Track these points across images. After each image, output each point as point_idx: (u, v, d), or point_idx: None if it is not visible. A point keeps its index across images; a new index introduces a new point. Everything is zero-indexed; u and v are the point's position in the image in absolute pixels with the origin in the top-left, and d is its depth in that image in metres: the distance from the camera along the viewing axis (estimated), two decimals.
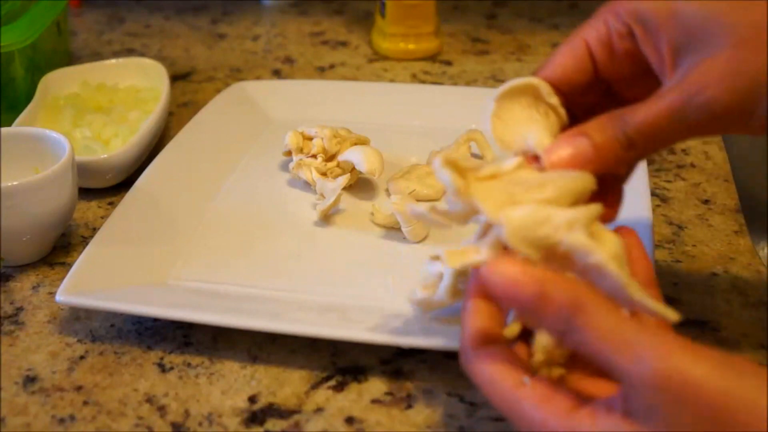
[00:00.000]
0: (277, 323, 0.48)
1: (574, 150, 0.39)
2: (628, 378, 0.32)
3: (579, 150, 0.39)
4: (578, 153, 0.39)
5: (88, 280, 0.51)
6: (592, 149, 0.39)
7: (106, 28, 0.99)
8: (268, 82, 0.82)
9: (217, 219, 0.61)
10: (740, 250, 0.57)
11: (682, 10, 0.38)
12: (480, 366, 0.36)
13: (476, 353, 0.37)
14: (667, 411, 0.31)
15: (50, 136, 0.58)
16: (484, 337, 0.37)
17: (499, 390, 0.35)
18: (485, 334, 0.37)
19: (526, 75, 0.43)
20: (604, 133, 0.39)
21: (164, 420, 0.45)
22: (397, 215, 0.57)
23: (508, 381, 0.35)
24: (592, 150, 0.39)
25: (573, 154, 0.39)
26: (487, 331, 0.37)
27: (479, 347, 0.37)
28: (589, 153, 0.39)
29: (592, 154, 0.39)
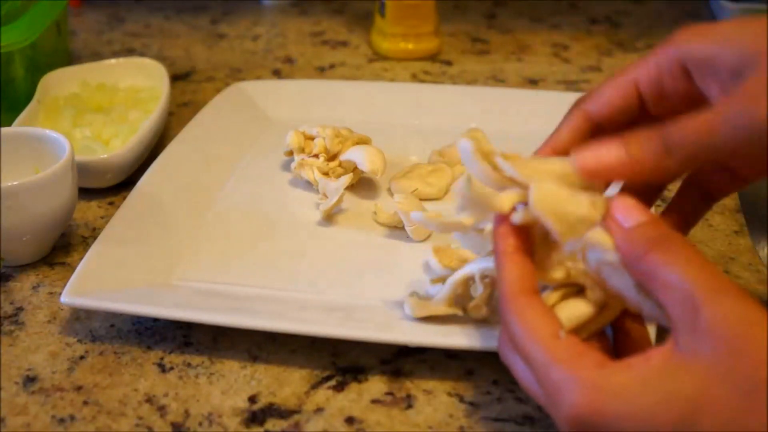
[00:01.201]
0: (278, 323, 0.48)
1: (607, 152, 0.39)
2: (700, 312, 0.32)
3: (612, 153, 0.39)
4: (611, 158, 0.39)
5: (93, 282, 0.51)
6: (627, 157, 0.38)
7: (106, 28, 0.99)
8: (268, 82, 0.82)
9: (219, 219, 0.61)
10: (740, 250, 0.57)
11: (733, 38, 0.38)
12: (519, 312, 0.37)
13: (516, 299, 0.38)
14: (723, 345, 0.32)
15: (50, 136, 0.58)
16: (523, 286, 0.38)
17: (535, 336, 0.36)
18: (525, 282, 0.38)
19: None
20: (641, 143, 0.38)
21: (164, 420, 0.45)
22: (401, 214, 0.57)
23: (544, 331, 0.36)
24: (627, 157, 0.38)
25: (604, 158, 0.39)
26: (526, 281, 0.38)
27: (519, 295, 0.38)
28: (624, 160, 0.38)
29: (626, 160, 0.38)
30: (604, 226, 0.37)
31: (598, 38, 0.93)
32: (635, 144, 0.38)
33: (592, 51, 0.89)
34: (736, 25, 0.39)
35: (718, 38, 0.39)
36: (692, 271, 0.34)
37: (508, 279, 0.38)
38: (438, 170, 0.63)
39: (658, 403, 0.33)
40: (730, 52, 0.38)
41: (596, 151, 0.39)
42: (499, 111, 0.72)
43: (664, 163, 0.38)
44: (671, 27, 0.44)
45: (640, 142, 0.38)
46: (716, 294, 0.33)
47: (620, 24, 0.96)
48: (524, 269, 0.39)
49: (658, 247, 0.35)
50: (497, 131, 0.68)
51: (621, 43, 0.91)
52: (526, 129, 0.67)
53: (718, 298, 0.33)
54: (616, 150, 0.39)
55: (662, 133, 0.38)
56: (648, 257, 0.35)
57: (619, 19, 0.98)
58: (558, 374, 0.35)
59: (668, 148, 0.38)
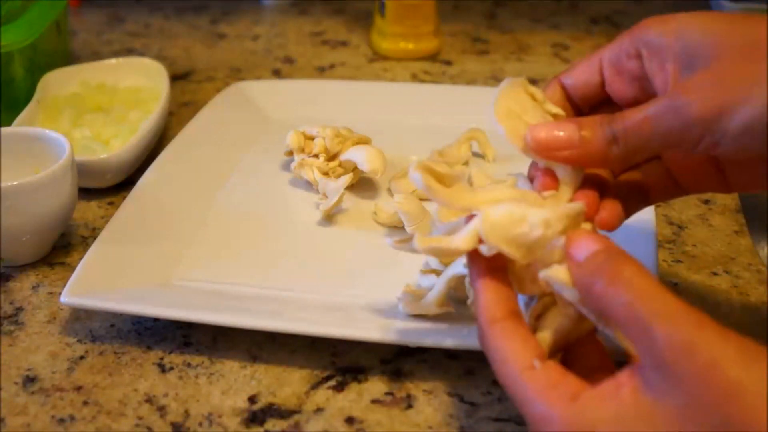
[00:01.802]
0: (278, 323, 0.48)
1: (560, 131, 0.40)
2: (656, 342, 0.32)
3: (565, 132, 0.40)
4: (563, 135, 0.40)
5: (92, 282, 0.51)
6: (578, 136, 0.40)
7: (106, 28, 0.99)
8: (268, 82, 0.82)
9: (219, 219, 0.61)
10: (740, 250, 0.57)
11: (686, 30, 0.39)
12: (494, 342, 0.37)
13: (491, 328, 0.37)
14: (688, 383, 0.31)
15: (50, 136, 0.58)
16: (496, 312, 0.38)
17: (509, 369, 0.36)
18: (499, 306, 0.38)
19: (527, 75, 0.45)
20: (592, 127, 0.40)
21: (164, 420, 0.45)
22: (401, 214, 0.57)
23: (519, 362, 0.36)
24: (577, 137, 0.40)
25: (557, 134, 0.40)
26: (501, 305, 0.38)
27: (494, 323, 0.37)
28: (574, 138, 0.40)
29: (576, 140, 0.40)
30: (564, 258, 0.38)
31: (598, 38, 0.93)
32: (588, 127, 0.40)
33: (592, 51, 0.89)
34: (699, 18, 0.39)
35: (674, 29, 0.40)
36: (636, 294, 0.34)
37: (481, 306, 0.38)
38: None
39: None
40: (680, 44, 0.39)
41: (551, 127, 0.41)
42: None
43: (611, 151, 0.39)
44: None
45: (593, 125, 0.40)
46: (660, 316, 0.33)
47: (620, 24, 0.96)
48: (498, 293, 0.38)
49: (604, 274, 0.35)
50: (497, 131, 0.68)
51: None
52: None
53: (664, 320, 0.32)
54: (569, 129, 0.40)
55: (611, 120, 0.40)
56: (596, 288, 0.35)
57: (619, 19, 0.98)
58: (534, 410, 0.35)
59: (614, 135, 0.39)
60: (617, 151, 0.39)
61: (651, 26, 0.41)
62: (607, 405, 0.34)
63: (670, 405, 0.32)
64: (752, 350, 0.31)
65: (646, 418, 0.33)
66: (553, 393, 0.35)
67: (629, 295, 0.34)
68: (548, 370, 0.36)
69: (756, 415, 0.30)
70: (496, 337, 0.37)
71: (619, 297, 0.34)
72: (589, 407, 0.34)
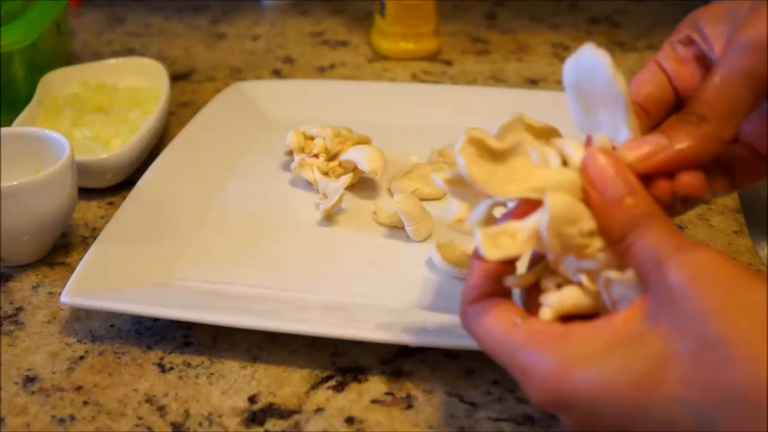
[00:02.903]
0: (278, 323, 0.48)
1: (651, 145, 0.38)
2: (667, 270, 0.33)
3: (656, 145, 0.38)
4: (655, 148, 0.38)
5: (92, 282, 0.51)
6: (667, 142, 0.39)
7: (106, 28, 0.99)
8: (268, 82, 0.82)
9: (219, 219, 0.61)
10: (740, 250, 0.57)
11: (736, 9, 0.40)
12: (474, 319, 0.37)
13: (470, 308, 0.38)
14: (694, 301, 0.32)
15: (50, 136, 0.58)
16: (477, 293, 0.38)
17: (493, 337, 0.36)
18: (479, 289, 0.38)
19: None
20: (673, 124, 0.39)
21: (164, 420, 0.45)
22: (401, 214, 0.57)
23: (500, 325, 0.36)
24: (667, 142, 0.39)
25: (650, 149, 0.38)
26: (481, 287, 0.38)
27: (471, 304, 0.38)
28: (665, 145, 0.38)
29: (667, 145, 0.38)
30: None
31: (598, 38, 0.93)
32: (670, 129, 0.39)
33: None
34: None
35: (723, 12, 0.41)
36: (656, 235, 0.35)
37: (465, 288, 0.39)
38: (438, 170, 0.63)
39: (622, 365, 0.33)
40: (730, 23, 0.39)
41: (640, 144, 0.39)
42: (499, 111, 0.71)
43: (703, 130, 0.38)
44: (671, 27, 0.44)
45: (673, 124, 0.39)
46: (678, 249, 0.33)
47: (620, 24, 0.96)
48: (484, 274, 0.38)
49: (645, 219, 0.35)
50: None
51: (621, 43, 0.91)
52: None
53: (679, 252, 0.33)
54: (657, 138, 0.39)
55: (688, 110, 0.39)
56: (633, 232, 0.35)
57: (619, 19, 0.98)
58: (522, 356, 0.35)
59: (698, 115, 0.38)
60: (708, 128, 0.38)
61: (700, 14, 0.42)
62: (597, 337, 0.34)
63: (663, 324, 0.33)
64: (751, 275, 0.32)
65: (634, 339, 0.33)
66: (540, 336, 0.35)
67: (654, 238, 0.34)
68: (532, 322, 0.36)
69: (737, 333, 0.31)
70: (474, 313, 0.38)
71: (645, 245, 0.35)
72: (577, 340, 0.34)
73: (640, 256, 0.35)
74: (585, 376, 0.33)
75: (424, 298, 0.52)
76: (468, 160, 0.37)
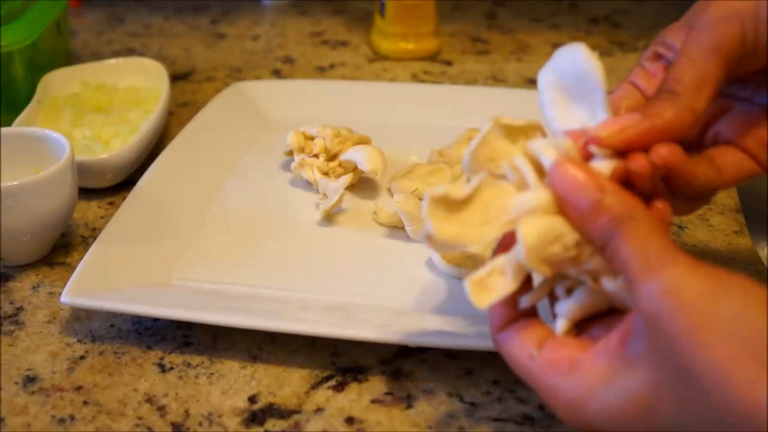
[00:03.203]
0: (278, 323, 0.48)
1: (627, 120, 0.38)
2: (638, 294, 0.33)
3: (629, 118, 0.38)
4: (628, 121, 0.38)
5: (92, 282, 0.51)
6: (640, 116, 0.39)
7: (106, 28, 0.99)
8: (268, 82, 0.82)
9: (219, 219, 0.61)
10: (740, 250, 0.57)
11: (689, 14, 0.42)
12: (501, 349, 0.40)
13: (497, 338, 0.40)
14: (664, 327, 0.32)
15: (50, 136, 0.58)
16: (501, 321, 0.40)
17: (517, 366, 0.39)
18: (501, 317, 0.40)
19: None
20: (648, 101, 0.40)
21: (164, 420, 0.45)
22: (401, 214, 0.57)
23: (521, 358, 0.38)
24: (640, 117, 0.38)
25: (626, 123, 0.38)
26: (502, 314, 0.40)
27: (498, 332, 0.40)
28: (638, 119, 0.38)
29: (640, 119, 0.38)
30: None
31: (598, 38, 0.93)
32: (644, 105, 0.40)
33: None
34: None
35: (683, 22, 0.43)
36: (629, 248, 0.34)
37: (489, 315, 0.40)
38: (438, 170, 0.63)
39: (623, 394, 0.34)
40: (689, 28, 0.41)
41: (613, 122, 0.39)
42: (499, 111, 0.71)
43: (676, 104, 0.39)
44: None
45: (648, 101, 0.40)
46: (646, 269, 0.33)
47: (620, 24, 0.96)
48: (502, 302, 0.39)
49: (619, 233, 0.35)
50: None
51: (621, 43, 0.91)
52: None
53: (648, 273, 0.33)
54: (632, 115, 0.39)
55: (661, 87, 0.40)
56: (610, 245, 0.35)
57: (619, 19, 0.98)
58: (543, 389, 0.37)
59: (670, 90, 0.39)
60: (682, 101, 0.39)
61: (664, 32, 0.44)
62: (600, 362, 0.35)
63: (643, 349, 0.33)
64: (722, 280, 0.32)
65: (626, 371, 0.34)
66: (553, 370, 0.37)
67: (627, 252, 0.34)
68: (546, 352, 0.37)
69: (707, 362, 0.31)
70: (501, 343, 0.40)
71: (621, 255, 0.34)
72: (585, 371, 0.36)
73: (621, 269, 0.35)
74: (597, 407, 0.35)
75: (424, 298, 0.52)
76: (436, 223, 0.37)
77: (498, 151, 0.40)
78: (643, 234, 0.34)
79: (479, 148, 0.39)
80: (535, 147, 0.39)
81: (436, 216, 0.37)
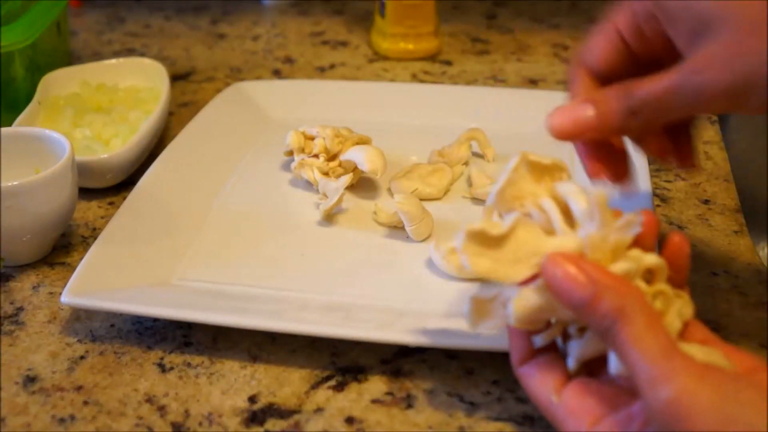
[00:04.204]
0: (278, 323, 0.48)
1: (578, 115, 0.41)
2: (647, 401, 0.34)
3: (583, 116, 0.41)
4: (581, 119, 0.41)
5: (92, 281, 0.51)
6: (595, 117, 0.41)
7: (106, 28, 0.99)
8: (268, 82, 0.82)
9: (219, 219, 0.61)
10: (740, 250, 0.57)
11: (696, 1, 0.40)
12: (523, 383, 0.41)
13: (517, 372, 0.42)
14: None
15: (50, 136, 0.58)
16: (520, 355, 0.41)
17: (538, 405, 0.40)
18: (521, 351, 0.41)
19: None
20: (608, 104, 0.41)
21: (164, 420, 0.45)
22: (401, 214, 0.57)
23: (542, 398, 0.40)
24: (595, 118, 0.41)
25: (576, 119, 0.41)
26: (521, 348, 0.41)
27: (519, 365, 0.42)
28: (592, 120, 0.41)
29: (594, 121, 0.41)
30: None
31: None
32: (603, 103, 0.41)
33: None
34: None
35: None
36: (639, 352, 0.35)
37: (510, 347, 0.42)
38: (438, 170, 0.63)
39: None
40: (690, 14, 0.40)
41: (568, 111, 0.41)
42: (499, 111, 0.72)
43: (629, 122, 0.40)
44: None
45: (609, 101, 0.41)
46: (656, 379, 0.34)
47: None
48: (519, 337, 0.41)
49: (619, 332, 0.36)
50: (497, 131, 0.68)
51: None
52: (526, 129, 0.67)
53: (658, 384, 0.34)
54: (585, 109, 0.41)
55: (628, 93, 0.40)
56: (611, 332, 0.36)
57: None
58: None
59: (632, 108, 0.40)
60: (636, 122, 0.40)
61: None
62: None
63: None
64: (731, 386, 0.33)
65: None
66: (575, 421, 0.38)
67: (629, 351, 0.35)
68: (567, 400, 0.39)
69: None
70: (521, 378, 0.41)
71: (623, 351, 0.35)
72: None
73: (625, 365, 0.36)
74: None
75: (424, 298, 0.52)
76: (471, 256, 0.38)
77: (524, 191, 0.41)
78: (641, 332, 0.35)
79: (506, 187, 0.40)
80: (565, 191, 0.40)
81: (470, 250, 0.39)
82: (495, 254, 0.38)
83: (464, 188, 0.63)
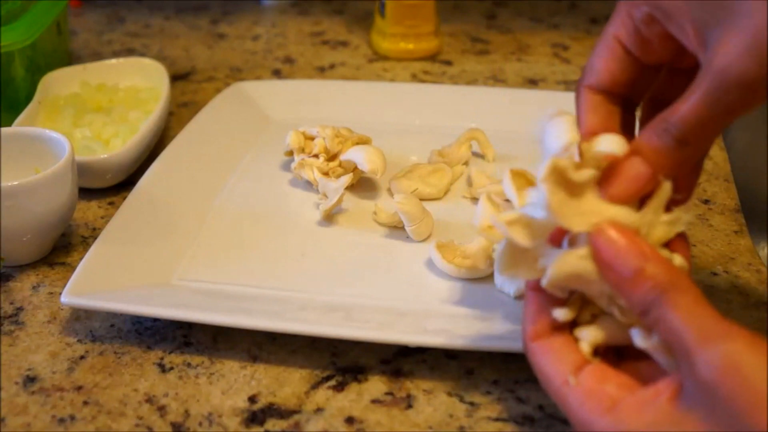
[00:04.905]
0: (278, 323, 0.48)
1: (631, 174, 0.38)
2: (695, 363, 0.33)
3: (636, 173, 0.38)
4: (636, 176, 0.38)
5: (92, 282, 0.51)
6: (647, 167, 0.38)
7: (106, 28, 0.99)
8: (268, 82, 0.82)
9: (219, 219, 0.61)
10: (740, 250, 0.57)
11: None
12: (533, 359, 0.40)
13: (530, 346, 0.40)
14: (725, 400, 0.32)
15: (50, 136, 0.58)
16: (536, 328, 0.40)
17: (549, 385, 0.39)
18: (539, 322, 0.40)
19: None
20: (651, 145, 0.38)
21: (164, 420, 0.45)
22: (401, 214, 0.57)
23: (556, 378, 0.38)
24: (648, 168, 0.38)
25: (631, 179, 0.38)
26: (542, 320, 0.39)
27: (533, 340, 0.39)
28: (645, 172, 0.38)
29: (649, 171, 0.38)
30: None
31: (598, 38, 0.92)
32: (647, 148, 0.38)
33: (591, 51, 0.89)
34: None
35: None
36: (680, 317, 0.34)
37: (524, 320, 0.40)
38: (438, 170, 0.63)
39: None
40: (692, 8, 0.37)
41: (619, 175, 0.39)
42: (499, 111, 0.72)
43: (683, 153, 0.38)
44: None
45: (650, 143, 0.38)
46: (704, 340, 0.33)
47: None
48: (540, 306, 0.40)
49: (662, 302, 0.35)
50: (497, 131, 0.68)
51: None
52: (526, 129, 0.67)
53: (706, 343, 0.33)
54: (634, 165, 0.38)
55: (665, 124, 0.38)
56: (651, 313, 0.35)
57: None
58: (576, 420, 0.37)
59: (676, 137, 0.37)
60: (689, 151, 0.38)
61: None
62: (645, 413, 0.35)
63: (699, 414, 0.33)
64: None
65: (677, 422, 0.34)
66: (590, 404, 0.36)
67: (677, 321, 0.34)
68: (584, 381, 0.37)
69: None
70: (534, 354, 0.39)
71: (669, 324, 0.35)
72: (626, 416, 0.35)
73: (667, 337, 0.35)
74: None
75: (424, 298, 0.52)
76: (550, 188, 0.38)
77: None
78: (691, 303, 0.34)
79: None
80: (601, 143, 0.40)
81: (551, 182, 0.37)
82: (564, 198, 0.38)
83: (464, 188, 0.63)
